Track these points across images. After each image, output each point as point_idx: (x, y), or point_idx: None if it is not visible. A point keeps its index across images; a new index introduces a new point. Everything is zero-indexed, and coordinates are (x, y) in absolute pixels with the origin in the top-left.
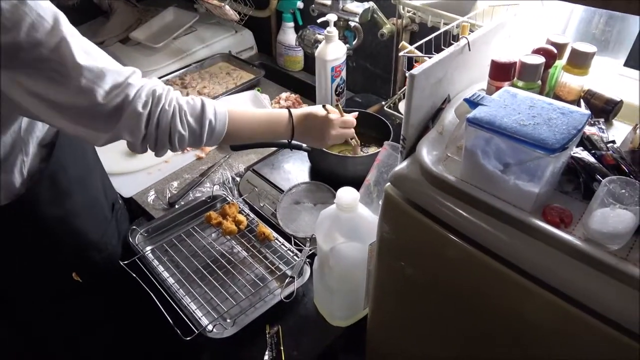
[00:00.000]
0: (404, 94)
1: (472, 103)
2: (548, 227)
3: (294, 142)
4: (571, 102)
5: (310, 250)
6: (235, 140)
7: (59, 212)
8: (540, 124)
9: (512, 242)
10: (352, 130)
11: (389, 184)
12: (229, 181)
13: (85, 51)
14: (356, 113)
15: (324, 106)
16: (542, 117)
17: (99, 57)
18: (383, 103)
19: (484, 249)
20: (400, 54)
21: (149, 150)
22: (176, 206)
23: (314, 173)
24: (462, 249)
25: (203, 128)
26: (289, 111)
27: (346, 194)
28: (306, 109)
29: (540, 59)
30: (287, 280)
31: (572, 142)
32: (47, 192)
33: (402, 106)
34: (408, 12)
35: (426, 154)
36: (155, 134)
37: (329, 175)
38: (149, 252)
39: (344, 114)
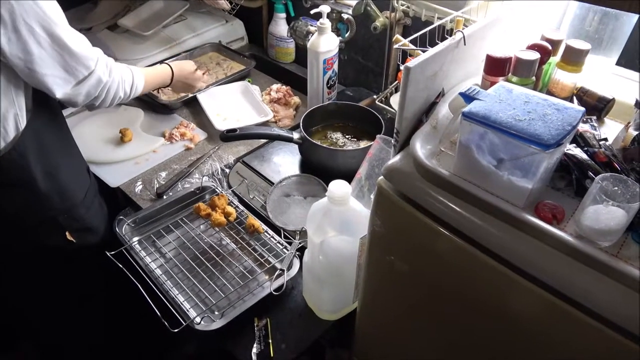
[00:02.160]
0: (396, 88)
1: (468, 97)
2: (540, 223)
3: (284, 134)
4: (564, 99)
5: (299, 243)
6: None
7: (45, 167)
8: (536, 119)
9: (504, 237)
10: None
11: (381, 177)
12: (218, 172)
13: None
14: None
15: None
16: (537, 112)
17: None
18: (375, 97)
19: (476, 243)
20: (395, 46)
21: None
22: (164, 197)
23: (305, 165)
24: (453, 243)
25: (131, 92)
26: (170, 67)
27: (338, 187)
28: (180, 63)
29: (535, 55)
30: (276, 273)
31: (567, 139)
32: (33, 145)
33: (393, 100)
34: (402, 5)
35: (420, 148)
36: (105, 96)
37: (319, 167)
38: (136, 242)
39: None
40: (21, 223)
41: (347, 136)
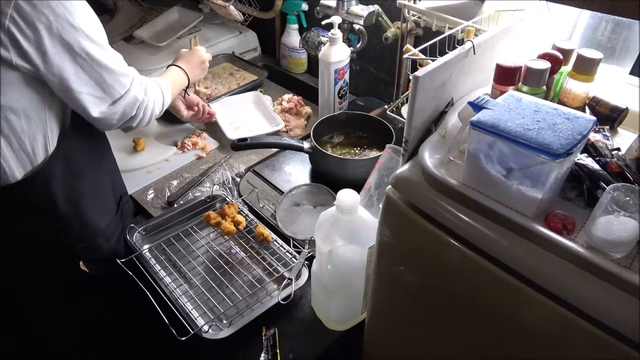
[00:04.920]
0: (407, 98)
1: (476, 106)
2: (551, 234)
3: (295, 143)
4: (576, 109)
5: (308, 252)
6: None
7: (69, 194)
8: (545, 128)
9: (514, 248)
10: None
11: (390, 186)
12: (229, 181)
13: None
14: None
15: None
16: (546, 121)
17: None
18: (386, 107)
19: (485, 254)
20: (405, 56)
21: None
22: (175, 205)
23: (315, 175)
24: (462, 253)
25: (163, 107)
26: (182, 69)
27: (346, 196)
28: (186, 59)
29: (545, 64)
30: (284, 282)
31: (577, 148)
32: (60, 171)
33: (404, 110)
34: (413, 15)
35: (428, 157)
36: (142, 115)
37: (329, 177)
38: (146, 250)
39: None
40: (32, 246)
41: (357, 146)
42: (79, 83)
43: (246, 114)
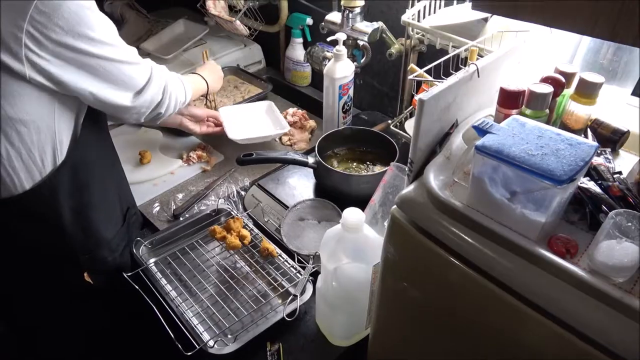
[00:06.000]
0: (410, 113)
1: (481, 130)
2: (553, 257)
3: (299, 158)
4: (578, 131)
5: (313, 267)
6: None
7: (75, 204)
8: (548, 154)
9: (517, 270)
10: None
11: (395, 206)
12: (234, 195)
13: None
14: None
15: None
16: (550, 147)
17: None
18: (389, 122)
19: (489, 275)
20: (410, 77)
21: (148, 113)
22: (181, 218)
23: (319, 189)
24: (466, 274)
25: (186, 96)
26: (203, 78)
27: (352, 214)
28: (209, 70)
29: (549, 89)
30: (289, 298)
31: (580, 174)
32: (67, 181)
33: (408, 125)
34: (417, 33)
35: (433, 179)
36: (169, 99)
37: (333, 192)
38: (152, 264)
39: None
40: (36, 256)
41: (362, 160)
42: (100, 84)
43: (253, 118)
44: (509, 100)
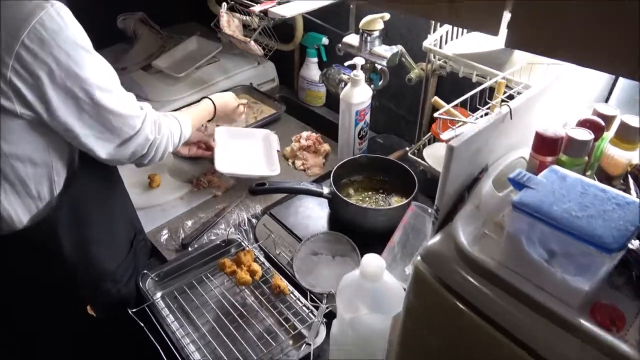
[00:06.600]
0: (429, 140)
1: (518, 184)
2: (598, 330)
3: (314, 189)
4: (617, 177)
5: (327, 308)
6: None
7: (76, 238)
8: (594, 216)
9: (555, 341)
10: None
11: (419, 258)
12: (244, 223)
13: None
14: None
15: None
16: (595, 207)
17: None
18: (407, 149)
19: (522, 343)
20: (436, 114)
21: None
22: (189, 248)
23: (333, 221)
24: (497, 339)
25: (179, 142)
26: (213, 102)
27: (372, 261)
28: (223, 98)
29: (589, 135)
30: (303, 345)
31: (630, 240)
32: (67, 216)
33: (426, 153)
34: (439, 60)
35: (462, 232)
36: (154, 153)
37: (349, 224)
38: (159, 299)
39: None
40: (37, 289)
41: (378, 190)
42: (84, 127)
43: (247, 147)
44: (546, 146)
